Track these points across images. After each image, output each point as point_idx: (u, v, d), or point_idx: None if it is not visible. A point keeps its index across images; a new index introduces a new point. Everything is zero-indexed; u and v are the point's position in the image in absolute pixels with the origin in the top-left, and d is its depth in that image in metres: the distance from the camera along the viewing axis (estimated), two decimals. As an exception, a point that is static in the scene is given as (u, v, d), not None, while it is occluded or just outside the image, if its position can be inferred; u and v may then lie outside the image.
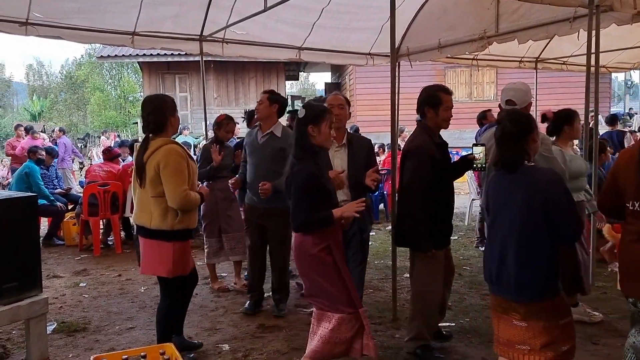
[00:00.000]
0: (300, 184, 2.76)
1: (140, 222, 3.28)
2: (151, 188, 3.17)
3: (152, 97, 3.44)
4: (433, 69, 15.52)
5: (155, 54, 15.71)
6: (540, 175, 2.51)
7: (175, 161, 3.14)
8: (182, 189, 3.13)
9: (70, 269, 6.07)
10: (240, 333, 4.06)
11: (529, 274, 2.47)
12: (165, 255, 3.21)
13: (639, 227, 2.47)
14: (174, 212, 3.18)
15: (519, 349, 2.52)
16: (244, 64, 17.15)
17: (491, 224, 2.71)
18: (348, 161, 3.69)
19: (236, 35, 6.73)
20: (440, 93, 3.43)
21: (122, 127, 31.44)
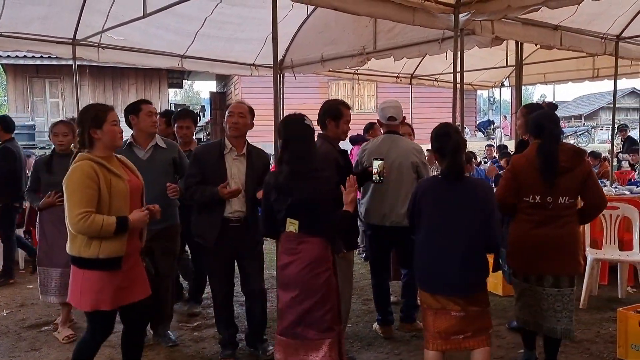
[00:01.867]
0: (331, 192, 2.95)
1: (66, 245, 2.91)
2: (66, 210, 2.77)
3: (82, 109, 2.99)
4: (317, 81, 15.95)
5: (22, 55, 14.49)
6: (479, 184, 2.99)
7: (73, 181, 2.72)
8: (77, 211, 2.67)
9: None
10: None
11: (473, 271, 2.86)
12: (74, 284, 2.82)
13: (539, 216, 3.18)
14: (82, 237, 2.75)
15: (454, 339, 2.86)
16: (123, 69, 16.36)
17: (432, 230, 2.90)
18: (246, 172, 3.65)
19: (113, 40, 6.44)
20: (341, 107, 3.69)
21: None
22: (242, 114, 3.66)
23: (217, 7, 6.07)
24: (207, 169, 3.58)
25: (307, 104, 15.90)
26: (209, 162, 3.59)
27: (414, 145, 4.19)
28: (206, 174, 3.58)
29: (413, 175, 4.01)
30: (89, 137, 2.79)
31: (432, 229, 2.91)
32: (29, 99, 16.94)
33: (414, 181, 3.96)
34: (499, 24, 4.82)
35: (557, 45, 5.61)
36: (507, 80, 10.55)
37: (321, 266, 2.87)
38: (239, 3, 6.09)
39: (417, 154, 4.09)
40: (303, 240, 2.88)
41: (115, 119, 2.88)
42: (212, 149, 3.71)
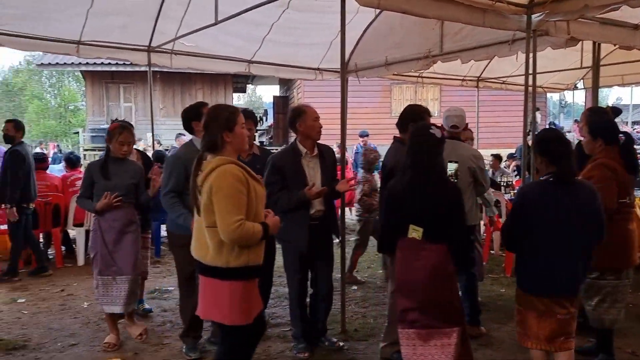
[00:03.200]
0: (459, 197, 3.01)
1: (197, 255, 2.72)
2: (205, 216, 2.61)
3: (208, 110, 2.86)
4: (379, 85, 15.89)
5: (100, 62, 15.33)
6: (586, 185, 3.00)
7: (228, 185, 2.55)
8: (233, 219, 2.51)
9: (7, 284, 5.80)
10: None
11: (579, 272, 2.92)
12: (221, 297, 2.63)
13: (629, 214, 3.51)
14: (230, 246, 2.59)
15: (557, 341, 2.89)
16: (191, 75, 16.99)
17: (546, 233, 2.88)
18: (321, 171, 3.81)
19: (185, 47, 6.70)
20: (425, 114, 3.75)
21: (62, 137, 30.33)
22: (319, 118, 3.84)
23: (284, 13, 6.20)
24: (286, 175, 3.71)
25: (369, 108, 16.07)
26: (288, 168, 3.73)
27: (472, 152, 4.24)
28: (286, 180, 3.69)
29: (470, 180, 4.05)
30: (222, 140, 2.66)
31: (547, 232, 2.88)
32: (105, 104, 17.88)
33: (470, 185, 4.04)
34: (574, 24, 4.63)
35: (637, 45, 5.33)
36: (580, 82, 10.08)
37: (444, 272, 2.91)
38: (305, 9, 6.18)
39: (475, 159, 4.11)
40: (426, 248, 2.91)
41: (243, 122, 2.76)
42: (288, 155, 3.83)
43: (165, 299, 5.23)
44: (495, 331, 4.27)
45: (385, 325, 3.74)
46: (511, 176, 9.06)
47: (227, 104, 2.88)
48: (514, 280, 2.99)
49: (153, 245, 6.42)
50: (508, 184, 8.12)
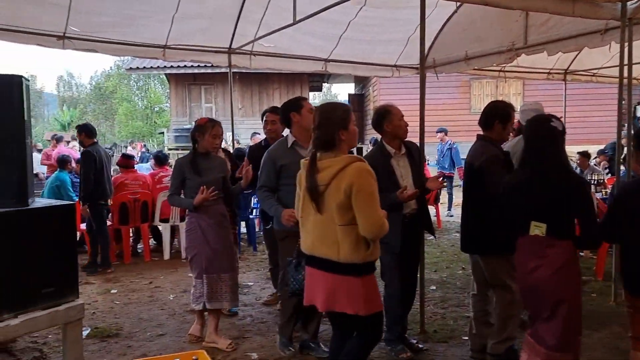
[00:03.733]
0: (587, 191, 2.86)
1: (322, 254, 2.68)
2: (339, 215, 2.60)
3: (320, 108, 2.82)
4: (458, 80, 15.49)
5: (182, 65, 16.00)
6: None
7: (369, 183, 2.61)
8: (379, 215, 2.62)
9: (102, 276, 6.20)
10: (269, 342, 4.09)
11: None
12: (356, 293, 2.67)
13: None
14: (366, 243, 2.63)
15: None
16: (269, 75, 17.35)
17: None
18: (411, 170, 3.77)
19: (264, 47, 6.85)
20: (511, 110, 3.64)
21: (148, 137, 32.00)
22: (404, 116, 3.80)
23: (360, 11, 6.19)
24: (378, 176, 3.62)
25: (447, 104, 15.71)
26: (379, 170, 3.61)
27: None
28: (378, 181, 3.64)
29: None
30: (338, 138, 2.67)
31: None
32: (187, 105, 18.67)
33: None
34: (675, 9, 4.30)
35: None
36: (681, 73, 9.31)
37: (572, 271, 2.80)
38: (383, 5, 6.13)
39: None
40: (552, 244, 2.79)
41: (354, 119, 2.79)
42: (377, 156, 3.74)
43: (246, 294, 5.38)
44: (587, 337, 4.03)
45: (495, 324, 3.61)
46: (602, 174, 8.51)
47: (338, 102, 2.96)
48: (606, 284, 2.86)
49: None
50: (599, 182, 7.64)
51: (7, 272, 3.22)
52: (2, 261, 3.20)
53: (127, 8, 5.70)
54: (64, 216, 3.59)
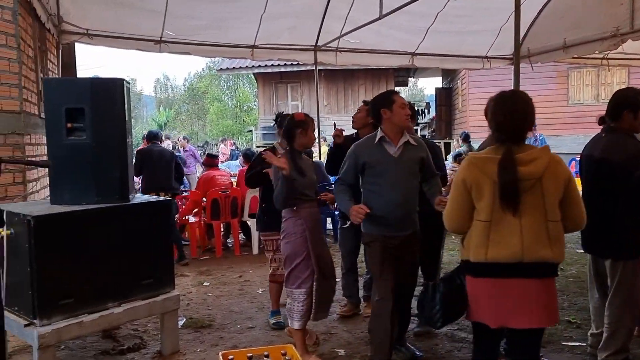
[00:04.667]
0: None
1: (537, 257, 2.34)
2: (554, 210, 2.35)
3: (513, 97, 2.50)
4: (554, 70, 14.63)
5: (270, 64, 16.39)
6: None
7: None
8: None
9: (195, 268, 6.48)
10: (355, 339, 4.08)
11: None
12: (553, 296, 2.45)
13: None
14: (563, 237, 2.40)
15: None
16: (354, 71, 17.35)
17: None
18: None
19: (349, 43, 6.84)
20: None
21: (237, 135, 33.16)
22: None
23: (449, 1, 6.00)
24: None
25: (543, 96, 14.89)
26: None
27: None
28: None
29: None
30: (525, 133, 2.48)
31: None
32: (274, 103, 19.11)
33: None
34: None
35: None
36: None
37: None
38: (473, -6, 5.92)
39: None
40: None
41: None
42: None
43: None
44: None
45: (605, 335, 3.36)
46: None
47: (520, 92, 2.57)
48: None
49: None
50: None
51: (111, 264, 3.44)
52: (108, 253, 3.43)
53: (218, 11, 5.91)
54: (160, 211, 3.79)
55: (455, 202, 2.48)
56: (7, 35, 4.85)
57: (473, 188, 2.39)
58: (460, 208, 2.46)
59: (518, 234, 2.33)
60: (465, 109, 16.67)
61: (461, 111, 17.40)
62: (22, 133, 5.05)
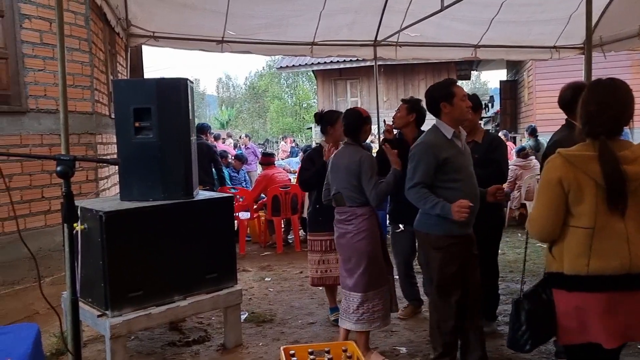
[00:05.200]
0: None
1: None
2: None
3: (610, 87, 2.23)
4: (629, 60, 13.82)
5: (329, 61, 16.41)
6: None
7: None
8: None
9: (257, 264, 6.59)
10: (417, 337, 4.01)
11: None
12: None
13: None
14: None
15: None
16: (414, 65, 17.09)
17: None
18: None
19: (409, 37, 6.73)
20: None
21: (297, 133, 33.49)
22: None
23: (515, -10, 5.78)
24: None
25: (616, 87, 14.06)
26: None
27: None
28: None
29: None
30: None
31: None
32: (334, 100, 19.13)
33: None
34: None
35: None
36: None
37: None
38: (540, -18, 5.67)
39: None
40: None
41: None
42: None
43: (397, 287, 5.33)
44: None
45: None
46: None
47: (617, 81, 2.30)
48: None
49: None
50: None
51: (177, 259, 3.55)
52: (173, 248, 3.53)
53: (277, 9, 5.96)
54: (223, 207, 3.86)
55: (548, 206, 2.19)
56: (80, 39, 5.12)
57: (571, 190, 2.12)
58: (554, 213, 2.17)
59: (625, 242, 2.08)
60: (531, 102, 16.06)
61: (527, 104, 16.77)
62: (94, 133, 5.31)
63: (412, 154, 3.16)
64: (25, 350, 1.60)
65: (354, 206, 3.52)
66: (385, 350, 3.79)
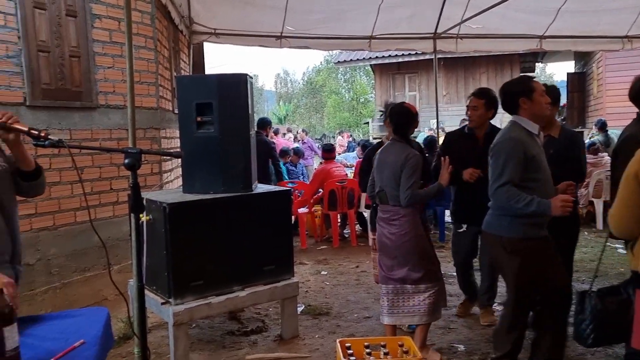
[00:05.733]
0: None
1: None
2: None
3: None
4: None
5: (387, 55, 16.27)
6: None
7: None
8: None
9: (313, 257, 6.65)
10: (475, 335, 3.94)
11: None
12: None
13: None
14: None
15: None
16: (475, 58, 16.66)
17: None
18: None
19: (471, 29, 6.57)
20: None
21: (354, 128, 33.43)
22: None
23: (584, -22, 5.52)
24: None
25: (695, 78, 13.23)
26: None
27: None
28: None
29: None
30: None
31: None
32: (391, 94, 18.96)
33: None
34: None
35: None
36: None
37: None
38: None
39: None
40: None
41: None
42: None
43: (451, 284, 5.24)
44: None
45: None
46: None
47: None
48: None
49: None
50: None
51: (236, 250, 3.63)
52: (233, 240, 3.62)
53: (336, 4, 5.97)
54: (281, 201, 3.92)
55: (625, 201, 2.12)
56: (146, 37, 5.31)
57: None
58: (632, 209, 2.10)
59: None
60: (601, 95, 15.30)
61: (596, 97, 15.99)
62: (158, 127, 5.51)
63: (498, 150, 2.95)
64: (97, 333, 1.69)
65: (398, 205, 3.45)
66: (442, 347, 3.74)
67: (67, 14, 4.52)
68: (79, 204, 4.64)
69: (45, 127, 4.25)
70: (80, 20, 4.65)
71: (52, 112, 4.44)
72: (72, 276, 4.61)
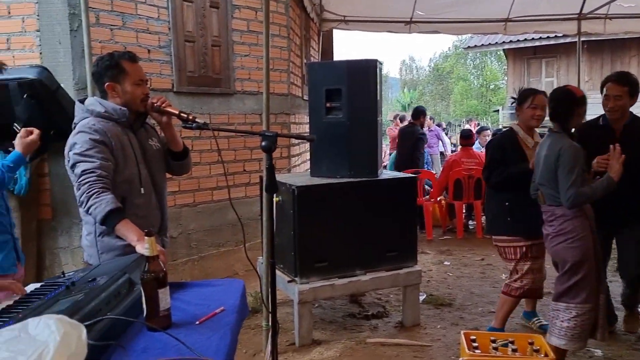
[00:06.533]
0: None
1: None
2: None
3: None
4: None
5: (522, 39, 15.32)
6: None
7: None
8: None
9: (435, 247, 6.52)
10: (614, 339, 3.62)
11: None
12: None
13: None
14: None
15: None
16: (625, 41, 15.04)
17: None
18: None
19: (622, 8, 5.96)
20: None
21: (482, 116, 32.04)
22: None
23: None
24: None
25: None
26: None
27: None
28: None
29: None
30: None
31: None
32: (525, 80, 17.83)
33: None
34: None
35: None
36: None
37: None
38: None
39: None
40: None
41: None
42: None
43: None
44: None
45: None
46: None
47: None
48: None
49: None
50: None
51: (360, 235, 3.69)
52: (357, 224, 3.68)
53: (469, -15, 5.74)
54: (407, 187, 3.90)
55: None
56: (280, 26, 5.52)
57: None
58: None
59: None
60: None
61: None
62: (289, 113, 5.73)
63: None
64: (235, 302, 1.82)
65: (553, 205, 3.04)
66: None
67: (210, 5, 4.84)
68: (215, 184, 4.99)
69: (188, 111, 4.61)
70: (221, 11, 4.96)
71: (195, 97, 4.81)
72: (208, 250, 4.99)
